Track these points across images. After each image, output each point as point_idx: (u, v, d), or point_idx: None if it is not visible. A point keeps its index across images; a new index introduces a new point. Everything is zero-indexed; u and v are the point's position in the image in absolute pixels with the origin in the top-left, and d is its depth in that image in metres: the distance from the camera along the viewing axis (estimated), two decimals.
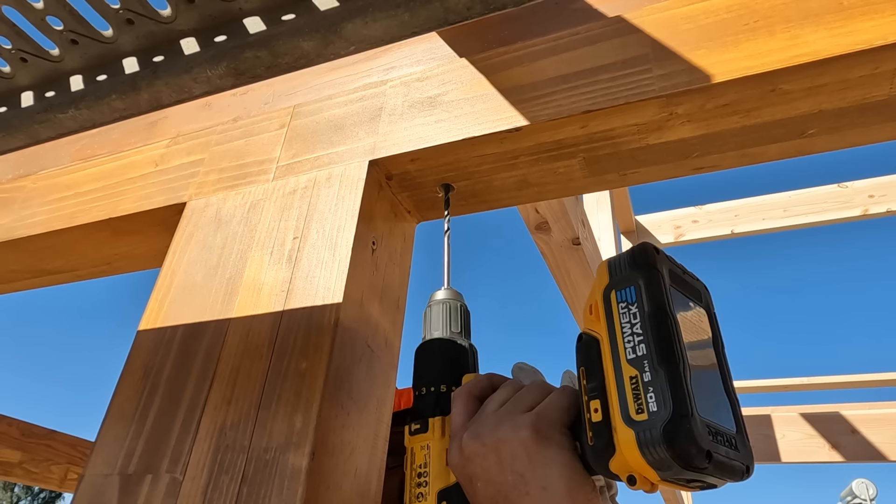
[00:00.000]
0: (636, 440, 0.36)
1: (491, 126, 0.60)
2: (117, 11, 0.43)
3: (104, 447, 0.57)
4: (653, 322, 0.38)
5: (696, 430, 0.34)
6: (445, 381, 0.52)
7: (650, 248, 0.41)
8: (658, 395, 0.36)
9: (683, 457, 0.34)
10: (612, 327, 0.40)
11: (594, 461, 0.40)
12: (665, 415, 0.35)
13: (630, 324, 0.39)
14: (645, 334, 0.38)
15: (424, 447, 0.50)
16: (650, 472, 0.36)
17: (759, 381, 2.92)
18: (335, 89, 0.74)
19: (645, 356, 0.37)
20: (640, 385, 0.37)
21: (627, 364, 0.38)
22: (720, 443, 0.36)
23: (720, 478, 0.36)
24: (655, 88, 0.55)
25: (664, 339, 0.37)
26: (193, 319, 0.62)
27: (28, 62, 0.48)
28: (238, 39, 0.40)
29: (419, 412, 0.52)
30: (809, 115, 0.55)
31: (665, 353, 0.37)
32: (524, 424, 0.43)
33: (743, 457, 0.38)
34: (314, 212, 0.63)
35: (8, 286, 1.00)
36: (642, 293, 0.39)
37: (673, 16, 0.58)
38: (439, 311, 0.57)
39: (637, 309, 0.39)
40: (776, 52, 0.52)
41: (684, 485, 0.37)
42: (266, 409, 0.52)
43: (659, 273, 0.40)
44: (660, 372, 0.36)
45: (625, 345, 0.38)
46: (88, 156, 0.89)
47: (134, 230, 0.80)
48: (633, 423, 0.36)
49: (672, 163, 0.62)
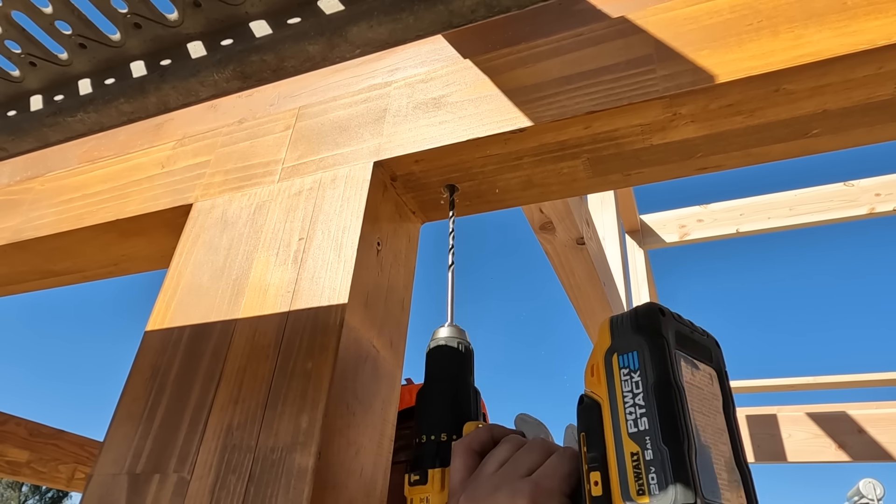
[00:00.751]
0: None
1: (495, 127, 0.60)
2: (125, 16, 0.44)
3: (113, 447, 0.57)
4: (656, 395, 0.36)
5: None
6: (446, 430, 0.51)
7: (655, 310, 0.39)
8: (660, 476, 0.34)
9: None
10: (613, 395, 0.38)
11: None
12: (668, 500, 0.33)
13: (632, 394, 0.37)
14: (648, 407, 0.36)
15: (424, 500, 0.49)
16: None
17: (765, 381, 2.91)
18: (340, 91, 0.74)
19: (647, 432, 0.36)
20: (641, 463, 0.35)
21: (629, 438, 0.36)
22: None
23: None
24: (659, 89, 0.55)
25: (669, 416, 0.35)
26: (200, 320, 0.62)
27: (37, 66, 0.48)
28: (244, 43, 0.40)
29: (419, 462, 0.50)
30: (813, 115, 0.55)
31: (668, 431, 0.35)
32: (521, 493, 0.41)
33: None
34: (319, 213, 0.64)
35: (17, 287, 1.00)
36: (645, 361, 0.37)
37: (676, 16, 0.58)
38: (440, 355, 0.55)
39: (640, 378, 0.37)
40: (780, 52, 0.52)
41: None
42: (272, 410, 0.53)
43: (664, 339, 0.38)
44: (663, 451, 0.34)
45: (626, 416, 0.37)
46: (95, 157, 0.90)
47: (140, 231, 0.81)
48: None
49: (676, 163, 0.62)
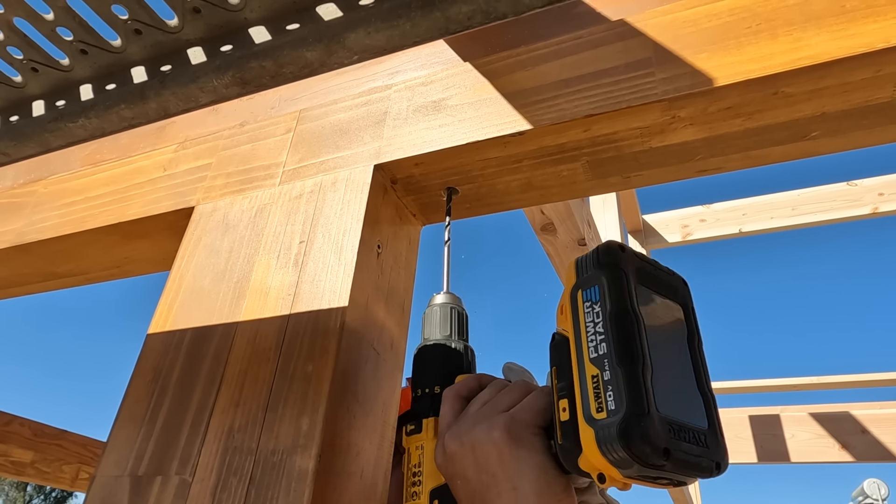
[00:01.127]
0: (595, 439, 0.36)
1: (494, 130, 0.61)
2: (125, 22, 0.44)
3: (115, 448, 0.58)
4: (613, 321, 0.38)
5: (651, 428, 0.35)
6: (439, 383, 0.54)
7: (614, 247, 0.41)
8: (616, 393, 0.36)
9: (639, 455, 0.34)
10: (577, 327, 0.40)
11: (564, 460, 0.40)
12: (621, 413, 0.35)
13: (594, 323, 0.39)
14: (606, 333, 0.38)
15: (419, 447, 0.52)
16: (613, 470, 0.36)
17: (767, 381, 2.91)
18: (340, 94, 0.74)
19: (605, 355, 0.37)
20: (600, 384, 0.37)
21: (590, 363, 0.38)
22: (684, 440, 0.36)
23: (683, 475, 0.36)
24: (658, 92, 0.55)
25: (623, 338, 0.37)
26: (202, 323, 0.63)
27: (39, 72, 0.49)
28: (244, 49, 0.40)
29: (415, 413, 0.53)
30: (812, 118, 0.55)
31: (623, 351, 0.37)
32: (497, 426, 0.44)
33: (712, 453, 0.38)
34: (320, 216, 0.64)
35: (20, 289, 1.01)
36: (605, 292, 0.40)
37: (675, 19, 0.58)
38: (437, 315, 0.58)
39: (600, 308, 0.39)
40: (778, 55, 0.52)
41: (652, 482, 0.37)
42: (273, 412, 0.53)
43: (622, 272, 0.40)
44: (618, 370, 0.36)
45: (588, 343, 0.39)
46: (98, 161, 0.90)
47: (142, 234, 0.81)
48: (594, 422, 0.37)
49: (675, 165, 0.62)
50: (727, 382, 2.91)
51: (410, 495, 0.52)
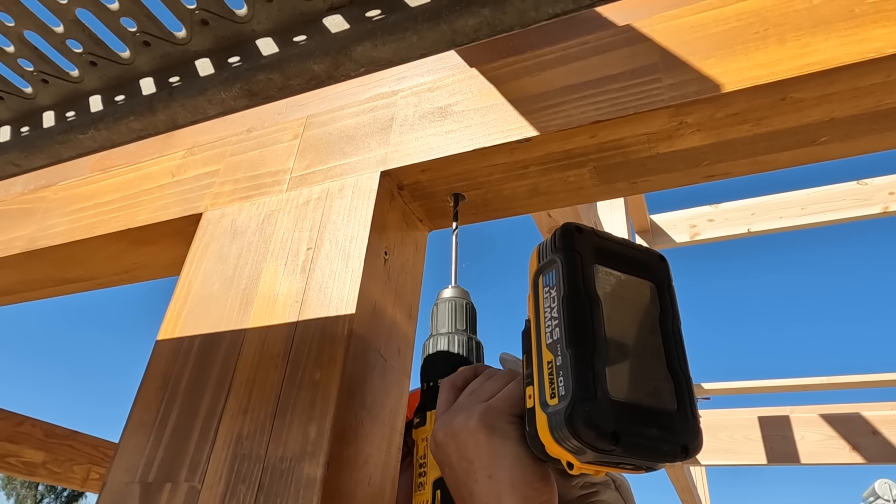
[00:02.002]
0: (548, 425, 0.35)
1: (501, 137, 0.61)
2: (134, 34, 0.45)
3: (125, 455, 0.58)
4: (565, 304, 0.37)
5: (595, 413, 0.33)
6: (444, 376, 0.54)
7: (570, 228, 0.40)
8: (565, 378, 0.35)
9: (586, 440, 0.33)
10: (537, 312, 0.40)
11: (534, 447, 0.39)
12: (568, 399, 0.34)
13: (550, 308, 0.38)
14: (560, 317, 0.37)
15: (425, 439, 0.52)
16: (569, 456, 0.35)
17: (777, 381, 2.89)
18: (347, 100, 0.75)
19: (558, 340, 0.37)
20: (553, 369, 0.36)
21: (546, 349, 0.37)
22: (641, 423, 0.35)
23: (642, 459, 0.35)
24: (665, 98, 0.55)
25: (573, 322, 0.36)
26: (210, 330, 0.63)
27: (49, 83, 0.49)
28: (251, 62, 0.41)
29: (422, 406, 0.54)
30: (821, 123, 0.55)
31: (572, 335, 0.36)
32: (473, 414, 0.44)
33: (679, 436, 0.36)
34: (327, 222, 0.64)
35: (31, 294, 1.02)
36: (561, 275, 0.39)
37: (682, 24, 0.58)
38: (446, 309, 0.58)
39: (555, 292, 0.38)
40: (787, 60, 0.52)
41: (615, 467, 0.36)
42: (281, 419, 0.53)
43: (576, 253, 0.39)
44: (567, 355, 0.35)
45: (545, 329, 0.38)
46: (107, 166, 0.91)
47: (151, 240, 0.82)
48: (547, 408, 0.36)
49: (683, 171, 0.62)
50: (736, 383, 2.89)
51: (418, 486, 0.53)
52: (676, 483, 2.88)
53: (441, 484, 0.50)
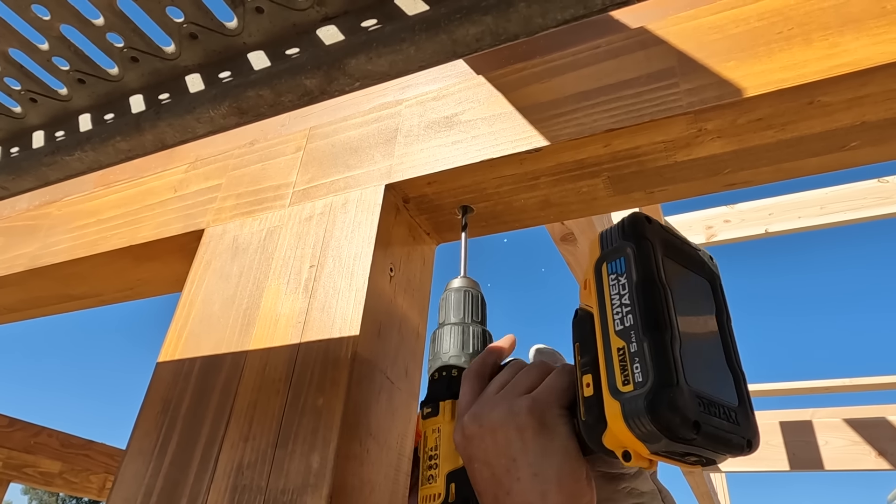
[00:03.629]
0: (622, 412, 0.34)
1: (509, 147, 0.58)
2: (121, 49, 0.43)
3: (124, 484, 0.56)
4: (639, 291, 0.37)
5: (680, 400, 0.33)
6: (457, 365, 0.52)
7: (641, 218, 0.40)
8: (643, 365, 0.34)
9: (668, 427, 0.33)
10: (602, 300, 0.39)
11: (588, 437, 0.38)
12: (648, 385, 0.33)
13: (619, 295, 0.38)
14: (632, 304, 0.36)
15: (436, 430, 0.50)
16: (640, 445, 0.34)
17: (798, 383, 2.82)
18: (350, 110, 0.72)
19: (632, 326, 0.36)
20: (626, 356, 0.35)
21: (616, 335, 0.36)
22: (714, 414, 0.34)
23: (714, 451, 0.35)
24: (683, 104, 0.52)
25: (650, 309, 0.36)
26: (211, 352, 0.61)
27: (38, 102, 0.47)
28: (242, 77, 0.38)
29: (432, 396, 0.52)
30: (851, 128, 0.51)
31: (650, 322, 0.35)
32: (520, 409, 0.42)
33: (744, 430, 0.36)
34: (331, 238, 0.62)
35: (36, 311, 1.01)
36: (631, 263, 0.38)
37: (700, 25, 0.55)
38: (455, 299, 0.56)
39: (626, 280, 0.38)
40: (813, 62, 0.48)
41: (679, 459, 0.36)
42: (283, 448, 0.51)
43: (649, 242, 0.39)
44: (644, 341, 0.35)
45: (614, 316, 0.37)
46: (111, 181, 0.89)
47: (154, 257, 0.80)
48: (620, 395, 0.35)
49: (702, 180, 0.58)
50: (756, 385, 2.83)
51: (426, 479, 0.50)
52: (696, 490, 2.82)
53: (457, 477, 0.48)
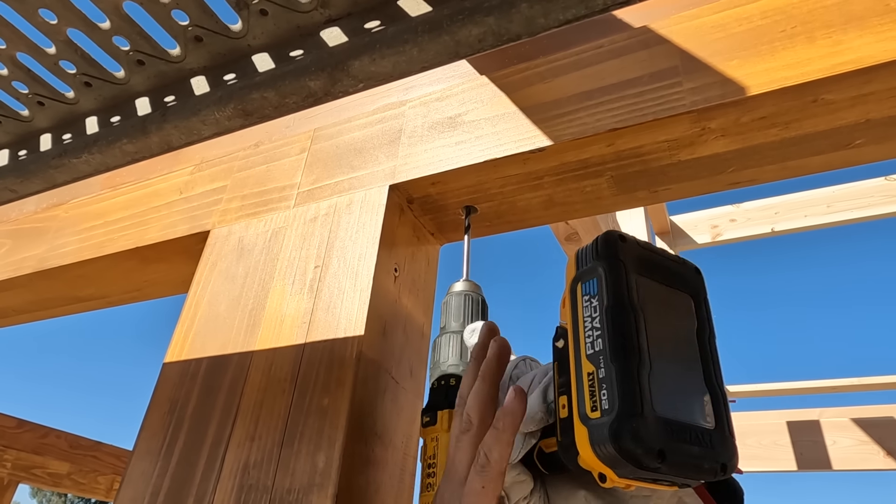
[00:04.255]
0: (589, 439, 0.34)
1: (513, 147, 0.58)
2: (127, 53, 0.43)
3: (131, 484, 0.57)
4: (609, 316, 0.36)
5: (643, 430, 0.33)
6: (455, 375, 0.52)
7: (613, 237, 0.39)
8: (610, 392, 0.34)
9: (631, 456, 0.33)
10: (576, 321, 0.38)
11: (565, 458, 0.38)
12: (614, 413, 0.33)
13: (591, 317, 0.37)
14: (602, 328, 0.36)
15: (434, 439, 0.50)
16: (608, 470, 0.35)
17: (805, 383, 2.81)
18: (355, 111, 0.73)
19: (601, 351, 0.36)
20: (595, 382, 0.35)
21: (586, 360, 0.36)
22: (684, 440, 0.34)
23: (683, 476, 0.34)
24: (686, 103, 0.52)
25: (619, 334, 0.35)
26: (217, 352, 0.61)
27: (45, 105, 0.48)
28: (246, 79, 0.39)
29: (431, 405, 0.51)
30: (856, 126, 0.51)
31: (618, 348, 0.35)
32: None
33: (718, 454, 0.35)
34: (335, 239, 0.62)
35: (45, 313, 1.02)
36: (603, 285, 0.38)
37: (703, 24, 0.55)
38: (457, 303, 0.56)
39: (598, 302, 0.37)
40: (817, 60, 0.48)
41: (651, 483, 0.35)
42: (289, 448, 0.51)
43: (620, 263, 0.38)
44: (612, 368, 0.35)
45: (585, 339, 0.37)
46: (117, 183, 0.90)
47: (160, 258, 0.81)
48: (588, 421, 0.35)
49: (706, 178, 0.58)
50: (762, 385, 2.81)
51: (425, 486, 0.50)
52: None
53: None
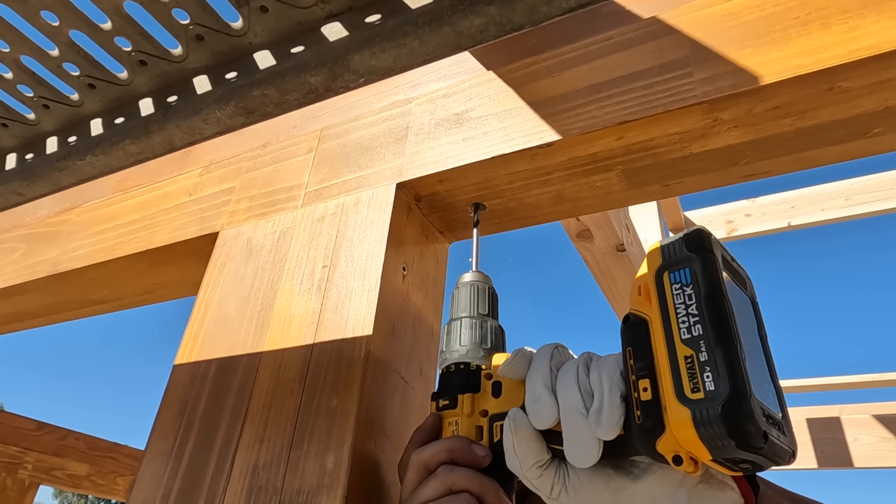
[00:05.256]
0: (692, 419, 0.36)
1: (521, 142, 0.57)
2: (129, 53, 0.43)
3: (143, 486, 0.57)
4: (709, 303, 0.38)
5: (754, 410, 0.35)
6: (475, 359, 0.51)
7: (706, 232, 0.42)
8: (715, 374, 0.36)
9: (742, 436, 0.34)
10: (665, 308, 0.40)
11: (641, 441, 0.39)
12: (723, 394, 0.35)
13: (685, 305, 0.39)
14: (701, 315, 0.38)
15: (453, 423, 0.49)
16: (702, 451, 0.36)
17: (826, 379, 2.76)
18: (361, 109, 0.72)
19: (701, 336, 0.37)
20: (695, 365, 0.37)
21: (682, 344, 0.38)
22: (773, 425, 0.36)
23: (772, 460, 0.36)
24: (697, 94, 0.51)
25: (722, 321, 0.37)
26: (226, 353, 0.61)
27: (51, 108, 0.48)
28: (248, 76, 0.38)
29: (448, 388, 0.50)
30: (874, 114, 0.50)
31: (723, 333, 0.37)
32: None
33: (789, 441, 0.38)
34: (343, 239, 0.62)
35: (59, 316, 1.03)
36: (698, 275, 0.39)
37: (713, 13, 0.54)
38: (467, 293, 0.55)
39: (692, 290, 0.39)
40: (833, 46, 0.47)
41: (731, 466, 0.37)
42: (298, 449, 0.51)
43: (715, 256, 0.40)
44: (717, 352, 0.36)
45: (679, 325, 0.39)
46: (128, 186, 0.90)
47: (171, 260, 0.81)
48: (689, 402, 0.36)
49: (719, 171, 0.57)
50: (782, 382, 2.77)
51: None
52: None
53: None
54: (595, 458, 0.40)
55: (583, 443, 0.41)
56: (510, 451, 0.43)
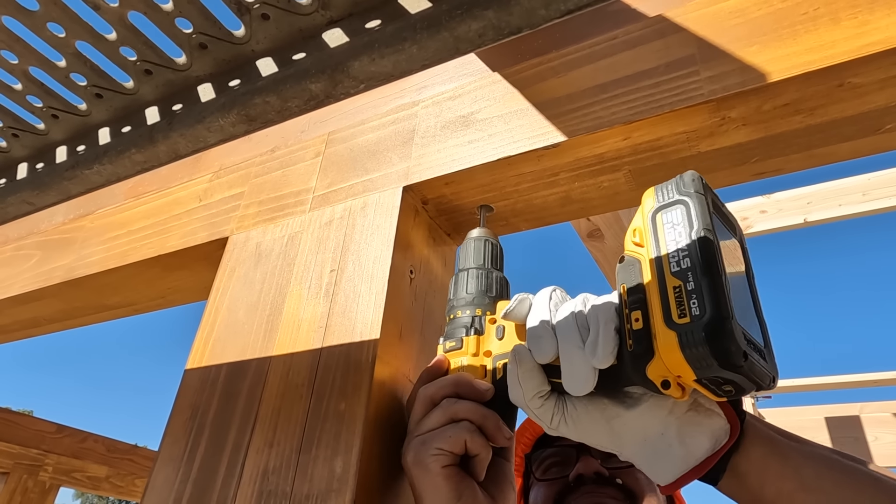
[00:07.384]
0: (678, 341, 0.38)
1: (527, 144, 0.57)
2: (135, 63, 0.43)
3: (155, 491, 0.57)
4: (699, 239, 0.40)
5: (735, 331, 0.37)
6: (480, 306, 0.54)
7: (698, 175, 0.44)
8: (700, 300, 0.38)
9: (723, 354, 0.37)
10: (657, 245, 0.42)
11: (632, 367, 0.42)
12: (707, 316, 0.37)
13: (675, 241, 0.41)
14: (690, 249, 0.40)
15: (458, 363, 0.52)
16: (687, 371, 0.38)
17: (845, 377, 2.72)
18: (368, 113, 0.72)
19: (689, 268, 0.40)
20: (683, 293, 0.39)
21: (671, 276, 0.40)
22: (753, 349, 0.39)
23: (751, 381, 0.39)
24: (704, 92, 0.50)
25: (709, 254, 0.40)
26: (236, 358, 0.62)
27: (59, 118, 0.48)
28: (249, 84, 0.38)
29: (454, 331, 0.54)
30: (886, 109, 0.49)
31: (709, 265, 0.39)
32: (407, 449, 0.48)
33: (770, 367, 0.40)
34: (350, 242, 0.62)
35: (74, 321, 1.04)
36: (690, 213, 0.42)
37: (720, 10, 0.53)
38: (473, 246, 0.58)
39: (683, 228, 0.42)
40: (842, 42, 0.46)
41: (715, 390, 0.39)
42: (307, 454, 0.51)
43: (705, 197, 0.43)
44: (703, 281, 0.39)
45: (670, 259, 0.41)
46: (140, 193, 0.91)
47: (182, 265, 0.82)
48: (676, 326, 0.39)
49: (728, 169, 0.57)
50: (799, 380, 2.74)
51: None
52: None
53: None
54: (591, 385, 0.43)
55: (579, 372, 0.43)
56: (514, 383, 0.46)
